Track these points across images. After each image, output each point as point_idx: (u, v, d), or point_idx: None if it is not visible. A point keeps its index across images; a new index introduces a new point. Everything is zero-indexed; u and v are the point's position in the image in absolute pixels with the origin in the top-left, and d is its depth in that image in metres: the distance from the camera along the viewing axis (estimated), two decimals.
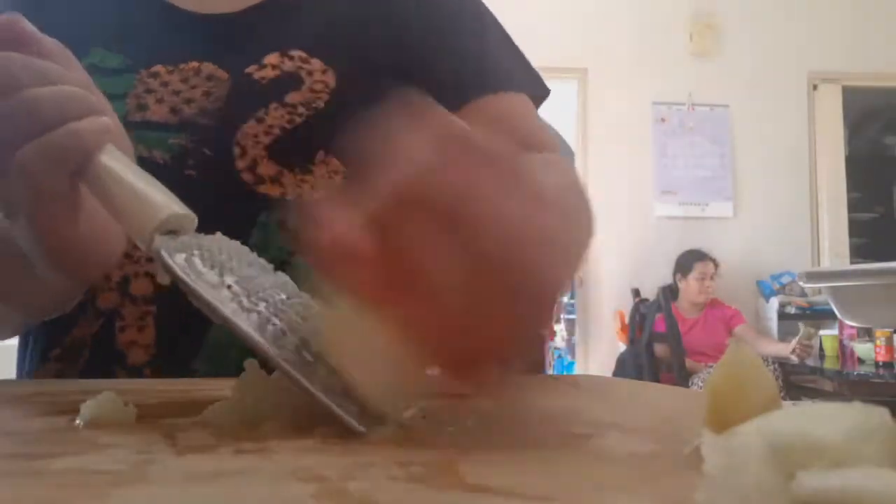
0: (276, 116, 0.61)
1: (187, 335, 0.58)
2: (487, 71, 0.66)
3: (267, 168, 0.60)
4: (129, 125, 0.60)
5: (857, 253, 4.36)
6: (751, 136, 3.96)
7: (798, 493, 0.15)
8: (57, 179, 0.39)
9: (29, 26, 0.41)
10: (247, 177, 0.60)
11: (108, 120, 0.40)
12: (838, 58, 4.02)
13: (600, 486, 0.22)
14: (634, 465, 0.25)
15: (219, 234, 0.37)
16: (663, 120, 3.96)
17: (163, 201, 0.36)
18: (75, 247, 0.44)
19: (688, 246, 3.73)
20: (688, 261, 3.61)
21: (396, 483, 0.22)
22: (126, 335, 0.58)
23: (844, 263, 3.82)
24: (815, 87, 4.05)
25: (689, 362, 3.28)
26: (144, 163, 0.59)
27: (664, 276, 3.70)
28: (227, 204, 0.58)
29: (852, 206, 4.18)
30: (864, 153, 5.15)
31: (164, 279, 0.33)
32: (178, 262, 0.32)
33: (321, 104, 0.61)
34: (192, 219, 0.37)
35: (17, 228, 0.43)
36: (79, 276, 0.49)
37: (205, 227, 0.38)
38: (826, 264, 3.85)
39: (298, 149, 0.61)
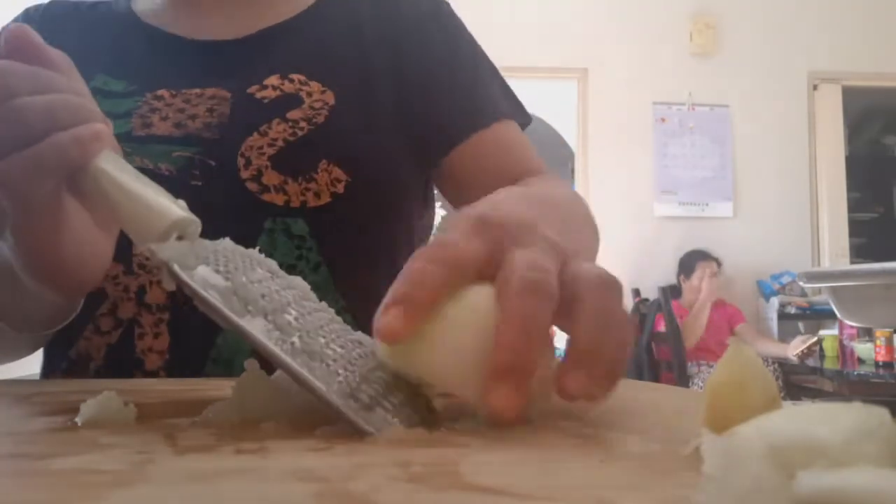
0: (278, 130, 0.62)
1: (199, 340, 0.59)
2: (484, 105, 0.70)
3: (271, 177, 0.61)
4: (133, 139, 0.62)
5: (857, 253, 4.36)
6: (751, 136, 3.96)
7: (798, 493, 0.15)
8: (40, 191, 0.39)
9: (35, 36, 0.41)
10: (252, 186, 0.61)
11: (103, 126, 0.40)
12: (838, 58, 4.02)
13: (600, 486, 0.22)
14: (634, 465, 0.25)
15: (227, 240, 0.36)
16: (663, 120, 3.96)
17: (167, 206, 0.36)
18: (60, 262, 0.44)
19: (688, 246, 3.73)
20: (691, 260, 3.62)
21: (396, 483, 0.21)
22: (144, 342, 0.60)
23: (844, 263, 3.82)
24: (815, 87, 4.05)
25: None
26: (150, 174, 0.61)
27: (664, 276, 3.70)
28: (233, 211, 0.60)
29: (852, 206, 4.18)
30: (864, 153, 5.15)
31: (169, 285, 0.33)
32: (183, 267, 0.32)
33: (321, 119, 0.63)
34: (197, 223, 0.36)
35: (2, 240, 0.44)
36: (64, 291, 0.50)
37: (212, 235, 0.37)
38: (826, 264, 3.85)
39: (301, 159, 0.62)
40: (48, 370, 0.66)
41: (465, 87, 0.70)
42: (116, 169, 0.38)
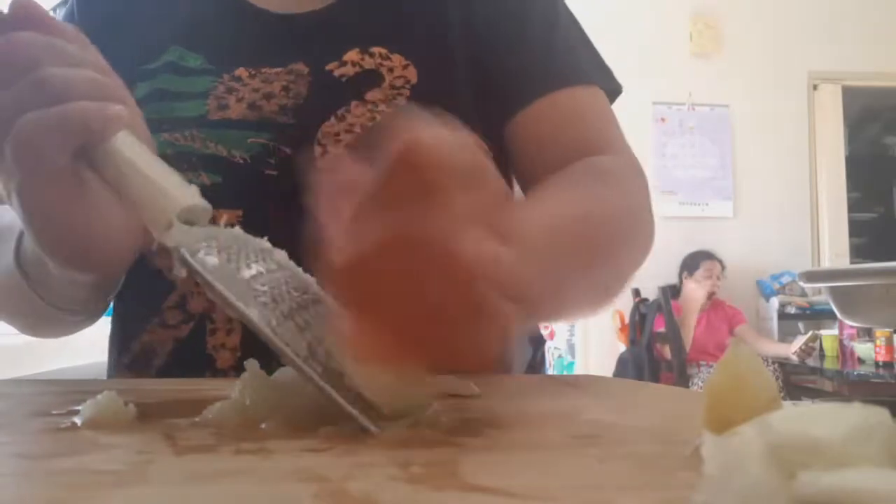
0: (357, 114, 0.59)
1: None
2: (556, 66, 0.64)
3: None
4: (207, 124, 0.60)
5: (857, 253, 4.36)
6: (751, 136, 3.96)
7: (798, 493, 0.15)
8: (55, 156, 0.37)
9: (41, 8, 0.39)
10: None
11: (123, 108, 0.38)
12: (838, 58, 4.02)
13: (600, 486, 0.22)
14: (634, 465, 0.25)
15: (237, 228, 0.36)
16: (663, 120, 3.96)
17: (179, 191, 0.35)
18: (78, 234, 0.42)
19: (688, 246, 3.73)
20: (694, 260, 3.62)
21: (396, 483, 0.21)
22: (216, 338, 0.57)
23: (844, 263, 3.82)
24: (815, 87, 4.05)
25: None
26: (224, 163, 0.59)
27: (664, 276, 3.69)
28: (307, 203, 0.58)
29: (852, 206, 4.17)
30: (864, 153, 5.14)
31: (179, 272, 0.32)
32: (194, 254, 0.32)
33: (403, 101, 0.60)
34: (208, 210, 0.36)
35: (14, 209, 0.42)
36: (81, 268, 0.47)
37: (286, 226, 0.36)
38: (826, 264, 3.85)
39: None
40: (114, 364, 0.62)
41: (535, 45, 0.64)
42: (132, 151, 0.37)
